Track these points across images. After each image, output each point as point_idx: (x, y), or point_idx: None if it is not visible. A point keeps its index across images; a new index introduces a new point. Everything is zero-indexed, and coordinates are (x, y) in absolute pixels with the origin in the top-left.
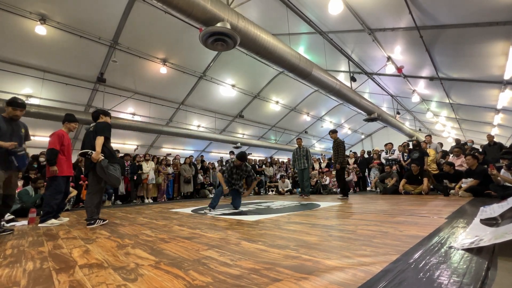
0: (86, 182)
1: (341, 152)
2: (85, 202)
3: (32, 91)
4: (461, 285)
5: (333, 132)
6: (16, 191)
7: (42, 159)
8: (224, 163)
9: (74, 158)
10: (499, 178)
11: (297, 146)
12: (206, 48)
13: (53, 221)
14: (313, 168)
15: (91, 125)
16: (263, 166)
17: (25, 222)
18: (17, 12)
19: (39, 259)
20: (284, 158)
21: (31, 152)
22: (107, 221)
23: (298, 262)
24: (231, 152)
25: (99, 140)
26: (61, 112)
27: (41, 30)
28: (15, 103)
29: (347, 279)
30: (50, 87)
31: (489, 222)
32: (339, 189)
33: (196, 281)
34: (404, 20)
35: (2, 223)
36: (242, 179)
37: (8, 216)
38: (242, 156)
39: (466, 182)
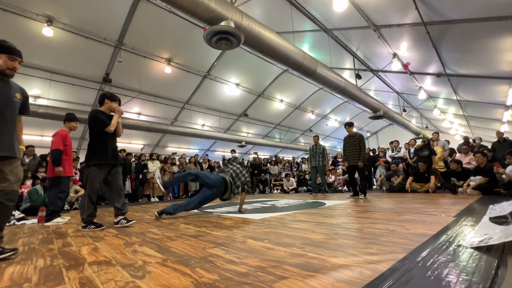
0: None
1: (363, 147)
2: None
3: (40, 92)
4: (470, 283)
5: (350, 125)
6: (26, 190)
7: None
8: (226, 162)
9: (82, 158)
10: (503, 176)
11: (313, 143)
12: (210, 47)
13: (58, 219)
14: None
15: None
16: (268, 165)
17: (35, 220)
18: (25, 14)
19: (49, 257)
20: (289, 156)
21: (40, 151)
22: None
23: (304, 260)
24: (233, 151)
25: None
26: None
27: (48, 31)
28: (12, 49)
29: (353, 277)
30: (57, 87)
31: (499, 220)
32: (354, 188)
33: (203, 278)
34: (410, 16)
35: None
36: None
37: (18, 215)
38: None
39: (474, 180)
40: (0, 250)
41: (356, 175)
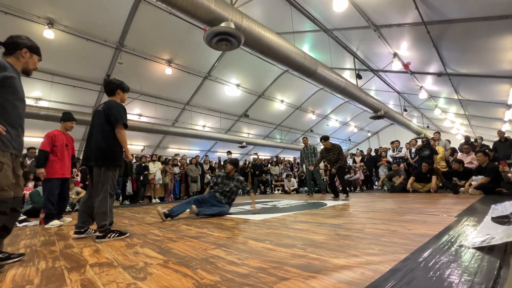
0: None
1: (342, 156)
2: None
3: (42, 94)
4: (473, 284)
5: (326, 139)
6: (27, 192)
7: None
8: (222, 163)
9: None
10: (509, 175)
11: (303, 145)
12: (210, 48)
13: (54, 222)
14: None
15: (101, 103)
16: (269, 165)
17: (36, 222)
18: (26, 17)
19: (51, 258)
20: (289, 157)
21: None
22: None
23: (305, 261)
24: (229, 152)
25: (121, 134)
26: None
27: (49, 34)
28: (40, 51)
29: (355, 278)
30: (58, 89)
31: (501, 220)
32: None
33: (204, 279)
34: (410, 15)
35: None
36: (230, 193)
37: (20, 216)
38: (235, 163)
39: (476, 180)
40: (6, 255)
41: (357, 175)
